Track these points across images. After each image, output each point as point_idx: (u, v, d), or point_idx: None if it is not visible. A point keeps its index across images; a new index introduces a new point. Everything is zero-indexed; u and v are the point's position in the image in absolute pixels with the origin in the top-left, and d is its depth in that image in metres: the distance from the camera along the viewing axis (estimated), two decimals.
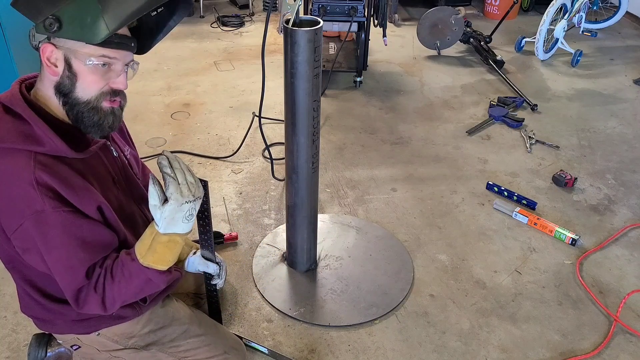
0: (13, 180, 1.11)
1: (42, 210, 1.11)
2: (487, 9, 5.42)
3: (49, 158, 1.14)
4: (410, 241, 2.43)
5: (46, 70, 1.17)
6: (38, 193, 1.10)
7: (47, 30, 1.10)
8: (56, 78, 1.17)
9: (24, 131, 1.13)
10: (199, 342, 1.54)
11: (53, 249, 1.15)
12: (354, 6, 3.48)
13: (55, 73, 1.16)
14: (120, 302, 1.26)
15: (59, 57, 1.15)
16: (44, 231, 1.13)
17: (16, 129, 1.13)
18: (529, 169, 2.98)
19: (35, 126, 1.14)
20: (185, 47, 4.49)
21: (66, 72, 1.16)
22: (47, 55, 1.15)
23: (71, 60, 1.15)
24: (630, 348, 1.95)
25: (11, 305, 2.04)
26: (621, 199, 2.75)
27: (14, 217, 1.13)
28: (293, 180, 2.02)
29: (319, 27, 1.71)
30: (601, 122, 3.50)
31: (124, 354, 1.48)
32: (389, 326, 2.02)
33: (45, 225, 1.12)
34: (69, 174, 1.16)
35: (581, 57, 4.32)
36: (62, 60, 1.15)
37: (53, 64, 1.16)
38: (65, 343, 1.50)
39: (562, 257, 2.36)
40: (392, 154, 3.10)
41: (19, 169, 1.10)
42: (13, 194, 1.11)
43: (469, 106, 3.65)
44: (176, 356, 1.53)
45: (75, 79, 1.17)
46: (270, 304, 2.09)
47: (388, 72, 4.14)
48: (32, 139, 1.12)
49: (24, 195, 1.10)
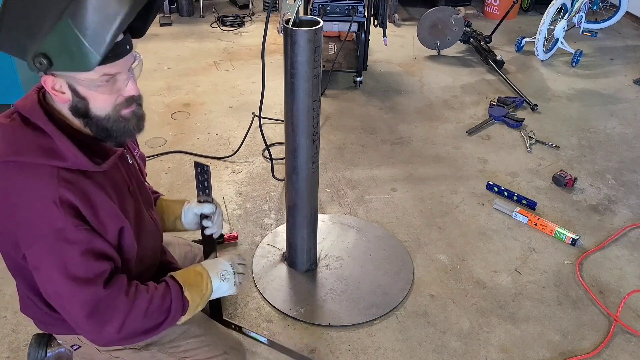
0: (35, 196, 1.09)
1: (64, 228, 1.10)
2: (487, 9, 5.42)
3: (71, 173, 1.13)
4: (410, 241, 2.43)
5: (55, 97, 1.14)
6: (61, 211, 1.09)
7: (39, 68, 1.06)
8: (68, 104, 1.15)
9: (45, 145, 1.11)
10: (198, 343, 1.54)
11: (70, 266, 1.13)
12: (354, 6, 3.48)
13: (65, 100, 1.14)
14: (140, 321, 1.24)
15: (63, 85, 1.12)
16: (63, 248, 1.11)
17: (37, 142, 1.11)
18: (529, 169, 2.98)
19: (57, 140, 1.11)
20: (185, 47, 4.49)
21: (75, 97, 1.14)
22: (50, 86, 1.12)
23: (75, 86, 1.13)
24: (630, 348, 1.95)
25: (11, 305, 2.04)
26: (621, 199, 2.75)
27: (33, 233, 1.11)
28: (293, 180, 2.02)
29: (319, 27, 1.71)
30: (601, 122, 3.50)
31: (123, 354, 1.48)
32: (389, 326, 2.02)
33: (65, 242, 1.11)
34: (91, 190, 1.15)
35: (581, 57, 4.32)
36: (67, 87, 1.12)
37: (59, 91, 1.13)
38: (66, 343, 1.49)
39: (562, 257, 2.36)
40: (392, 154, 3.10)
41: (42, 186, 1.09)
42: (34, 210, 1.09)
43: (469, 106, 3.65)
44: (176, 356, 1.53)
45: (87, 102, 1.15)
46: (270, 304, 2.09)
47: (388, 72, 4.14)
48: (54, 153, 1.10)
49: (46, 212, 1.09)
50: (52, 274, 1.12)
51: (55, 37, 1.02)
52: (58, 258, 1.11)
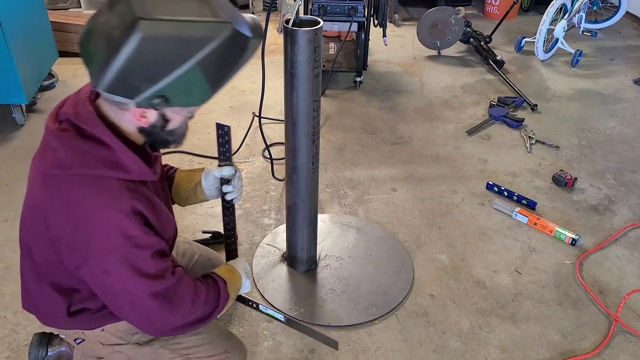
0: (107, 209, 1.13)
1: (136, 236, 1.15)
2: (487, 9, 5.42)
3: (134, 183, 1.18)
4: (410, 241, 2.43)
5: (134, 119, 1.16)
6: (133, 221, 1.14)
7: (154, 107, 1.10)
8: (144, 126, 1.17)
9: (108, 158, 1.13)
10: (200, 340, 1.55)
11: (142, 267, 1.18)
12: (354, 6, 3.48)
13: (146, 123, 1.17)
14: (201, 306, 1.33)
15: (152, 112, 1.15)
16: (136, 253, 1.16)
17: (100, 155, 1.13)
18: (529, 169, 2.98)
19: (121, 153, 1.14)
20: None
21: (160, 120, 1.17)
22: (140, 115, 1.14)
23: (166, 111, 1.16)
24: (630, 348, 1.95)
25: (11, 305, 2.04)
26: (621, 199, 2.75)
27: (107, 243, 1.14)
28: (293, 180, 2.02)
29: (319, 27, 1.71)
30: (601, 122, 3.50)
31: (126, 349, 1.49)
32: (389, 326, 2.02)
33: (137, 248, 1.16)
34: (151, 198, 1.22)
35: (581, 57, 4.32)
36: (155, 114, 1.15)
37: (143, 117, 1.15)
38: (68, 337, 1.50)
39: (562, 257, 2.36)
40: (392, 154, 3.10)
41: (113, 199, 1.13)
42: (107, 222, 1.13)
43: (469, 106, 3.65)
44: (178, 353, 1.54)
45: (167, 123, 1.19)
46: (270, 304, 2.09)
47: (388, 72, 4.14)
48: (119, 166, 1.14)
49: (119, 224, 1.13)
50: (124, 276, 1.17)
51: (179, 81, 1.07)
52: (132, 262, 1.16)
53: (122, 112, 1.15)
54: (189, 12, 1.05)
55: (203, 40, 1.05)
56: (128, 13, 1.01)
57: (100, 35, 1.04)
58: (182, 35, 1.04)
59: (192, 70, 1.06)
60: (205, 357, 1.55)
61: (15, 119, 3.19)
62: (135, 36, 1.00)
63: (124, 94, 1.08)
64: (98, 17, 1.06)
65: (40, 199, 1.18)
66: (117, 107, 1.14)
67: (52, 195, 1.15)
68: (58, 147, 1.14)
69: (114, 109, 1.16)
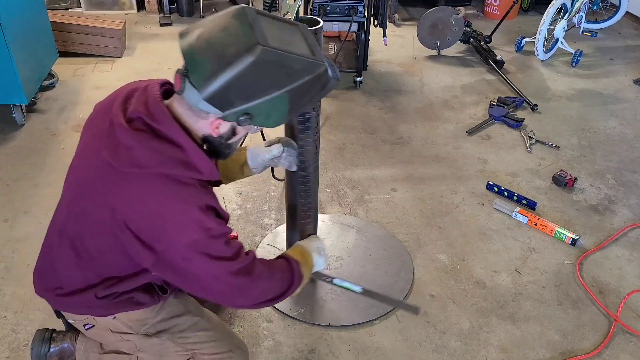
0: (183, 204, 1.22)
1: (211, 228, 1.24)
2: (487, 9, 5.42)
3: (203, 181, 1.29)
4: (410, 241, 2.43)
5: (207, 128, 1.25)
6: (208, 214, 1.25)
7: (238, 123, 1.21)
8: (214, 135, 1.26)
9: (183, 159, 1.22)
10: (207, 337, 1.59)
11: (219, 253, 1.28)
12: (354, 6, 3.48)
13: (216, 133, 1.26)
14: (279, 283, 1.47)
15: (226, 125, 1.26)
16: (212, 242, 1.26)
17: (176, 155, 1.21)
18: (529, 169, 2.98)
19: (193, 155, 1.23)
20: None
21: (230, 133, 1.29)
22: (216, 125, 1.24)
23: (237, 127, 1.28)
24: (630, 348, 1.95)
25: (11, 305, 2.04)
26: (621, 199, 2.75)
27: (187, 237, 1.22)
28: (293, 180, 2.02)
29: (319, 27, 1.71)
30: (601, 122, 3.50)
31: (134, 338, 1.53)
32: (389, 326, 2.02)
33: (213, 238, 1.26)
34: (213, 193, 1.35)
35: (581, 57, 4.32)
36: (228, 127, 1.26)
37: (217, 127, 1.25)
38: (77, 322, 1.52)
39: (562, 257, 2.36)
40: (392, 154, 3.10)
41: (191, 197, 1.23)
42: (186, 218, 1.22)
43: (469, 106, 3.65)
44: (184, 347, 1.58)
45: (233, 136, 1.31)
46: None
47: (388, 72, 4.14)
48: (192, 167, 1.23)
49: (197, 218, 1.22)
50: (204, 263, 1.26)
51: (268, 104, 1.19)
52: (210, 251, 1.26)
53: (197, 118, 1.23)
54: (295, 46, 1.21)
55: (301, 73, 1.20)
56: (248, 36, 1.14)
57: (212, 48, 1.14)
58: (286, 65, 1.17)
59: (282, 96, 1.19)
60: (210, 354, 1.59)
61: (15, 119, 3.19)
62: (249, 57, 1.12)
63: (218, 105, 1.18)
64: (209, 32, 1.17)
65: (109, 194, 1.23)
66: (194, 112, 1.22)
67: (128, 192, 1.21)
68: (134, 146, 1.19)
69: (189, 113, 1.23)
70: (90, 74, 3.89)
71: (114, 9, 5.10)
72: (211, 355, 1.59)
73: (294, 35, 1.26)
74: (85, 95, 3.61)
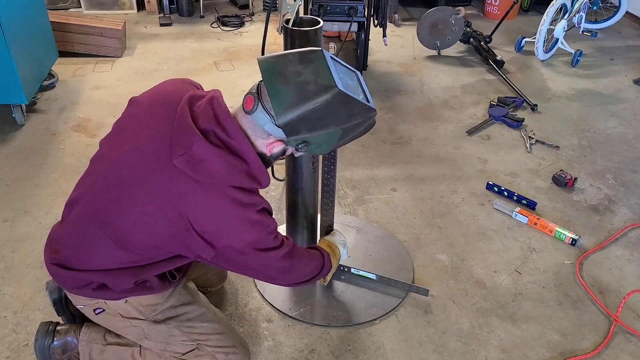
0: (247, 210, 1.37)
1: (269, 225, 1.44)
2: (487, 9, 5.42)
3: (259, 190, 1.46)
4: (410, 241, 2.43)
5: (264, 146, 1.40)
6: (263, 216, 1.42)
7: (297, 149, 1.40)
8: (267, 153, 1.41)
9: (249, 172, 1.37)
10: (212, 329, 1.64)
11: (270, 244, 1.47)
12: (353, 6, 3.48)
13: (269, 152, 1.41)
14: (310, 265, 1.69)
15: (280, 146, 1.40)
16: (267, 237, 1.45)
17: (244, 170, 1.36)
18: (529, 169, 2.98)
19: (257, 169, 1.38)
20: (185, 47, 4.49)
21: (278, 153, 1.44)
22: (273, 145, 1.39)
23: (287, 149, 1.43)
24: (630, 348, 1.95)
25: (11, 305, 2.04)
26: (621, 199, 2.75)
27: (244, 235, 1.38)
28: (293, 180, 2.02)
29: (319, 27, 1.71)
30: (601, 122, 3.50)
31: (142, 324, 1.58)
32: (388, 326, 2.02)
33: (270, 234, 1.45)
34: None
35: (581, 57, 4.32)
36: (281, 148, 1.41)
37: (272, 147, 1.40)
38: (88, 307, 1.56)
39: (562, 257, 2.36)
40: (392, 154, 3.10)
41: (251, 203, 1.39)
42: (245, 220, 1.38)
43: (469, 106, 3.65)
44: (190, 337, 1.63)
45: (281, 156, 1.47)
46: (270, 304, 2.09)
47: (388, 72, 4.14)
48: (255, 179, 1.38)
49: (254, 220, 1.39)
50: (257, 255, 1.44)
51: (325, 136, 1.37)
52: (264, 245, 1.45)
53: (257, 137, 1.38)
54: (356, 92, 1.41)
55: (357, 115, 1.38)
56: (327, 78, 1.32)
57: (292, 81, 1.32)
58: (349, 107, 1.36)
59: (337, 131, 1.38)
60: (215, 346, 1.64)
61: (15, 119, 3.19)
62: (326, 97, 1.30)
63: (286, 131, 1.33)
64: (289, 64, 1.35)
65: (180, 200, 1.33)
66: (256, 131, 1.37)
67: (199, 199, 1.33)
68: (213, 160, 1.32)
69: (253, 129, 1.38)
70: (90, 74, 3.89)
71: (114, 9, 5.11)
72: (215, 348, 1.64)
73: (353, 79, 1.45)
74: (85, 95, 3.61)
